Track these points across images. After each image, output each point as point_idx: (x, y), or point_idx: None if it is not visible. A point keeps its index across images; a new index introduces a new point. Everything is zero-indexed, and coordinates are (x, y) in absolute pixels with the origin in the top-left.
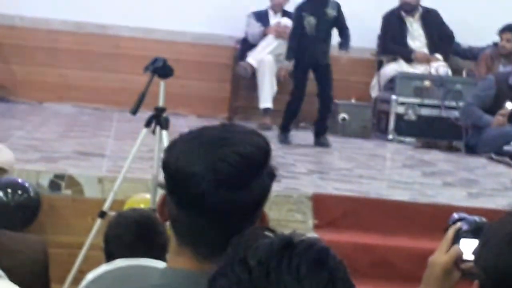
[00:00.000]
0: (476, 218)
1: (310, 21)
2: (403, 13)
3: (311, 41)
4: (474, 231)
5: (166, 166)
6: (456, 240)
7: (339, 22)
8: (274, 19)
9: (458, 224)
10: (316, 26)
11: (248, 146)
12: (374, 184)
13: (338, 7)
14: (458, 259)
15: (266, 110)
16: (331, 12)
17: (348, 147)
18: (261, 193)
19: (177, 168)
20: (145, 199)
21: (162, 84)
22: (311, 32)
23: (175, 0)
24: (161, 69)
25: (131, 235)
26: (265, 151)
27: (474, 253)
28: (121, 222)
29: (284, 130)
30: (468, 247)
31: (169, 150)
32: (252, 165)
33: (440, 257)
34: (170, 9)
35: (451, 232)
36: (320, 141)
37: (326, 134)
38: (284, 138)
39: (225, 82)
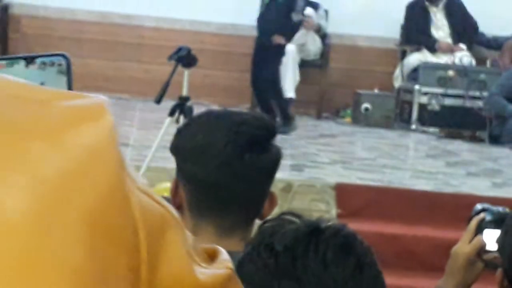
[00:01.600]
0: (500, 208)
1: None
2: (426, 3)
3: None
4: (498, 222)
5: (181, 146)
6: (479, 230)
7: None
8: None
9: (482, 214)
10: None
11: (259, 115)
12: (397, 174)
13: None
14: (481, 250)
15: (289, 100)
16: None
17: (371, 136)
18: (278, 157)
19: (196, 142)
20: (168, 188)
21: (186, 73)
22: None
23: None
24: (185, 59)
25: None
26: (271, 120)
27: (497, 241)
28: None
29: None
30: (491, 238)
31: (181, 131)
32: (270, 128)
33: (463, 247)
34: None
35: (474, 222)
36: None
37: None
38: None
39: (248, 72)
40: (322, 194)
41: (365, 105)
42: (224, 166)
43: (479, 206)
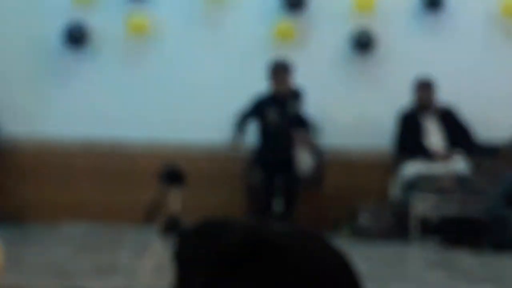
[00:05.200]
0: None
1: None
2: (419, 112)
3: None
4: None
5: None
6: None
7: None
8: None
9: None
10: None
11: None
12: (400, 286)
13: None
14: None
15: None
16: None
17: (369, 249)
18: None
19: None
20: None
21: (174, 192)
22: None
23: (186, 110)
24: (174, 179)
25: None
26: None
27: None
28: None
29: None
30: None
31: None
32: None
33: None
34: (181, 119)
35: None
36: None
37: None
38: None
39: (239, 193)
40: None
41: (361, 217)
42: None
43: None
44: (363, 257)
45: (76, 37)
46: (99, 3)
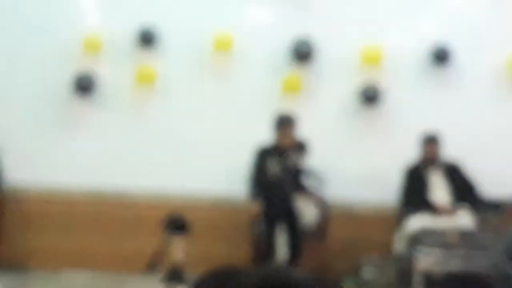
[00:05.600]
0: None
1: None
2: (425, 167)
3: None
4: None
5: None
6: None
7: None
8: None
9: None
10: None
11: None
12: None
13: None
14: None
15: None
16: None
17: None
18: None
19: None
20: None
21: (178, 241)
22: None
23: (191, 160)
24: (178, 228)
25: None
26: None
27: None
28: None
29: None
30: None
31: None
32: None
33: None
34: (187, 170)
35: None
36: None
37: None
38: None
39: (241, 246)
40: None
41: (366, 272)
42: None
43: None
44: None
45: (84, 86)
46: (107, 52)
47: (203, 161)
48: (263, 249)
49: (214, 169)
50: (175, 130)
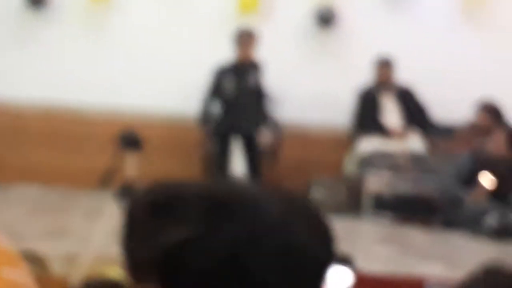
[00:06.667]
0: None
1: None
2: (377, 91)
3: None
4: None
5: None
6: None
7: None
8: None
9: None
10: None
11: None
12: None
13: None
14: None
15: None
16: None
17: None
18: None
19: None
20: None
21: (131, 158)
22: None
23: (146, 77)
24: (130, 144)
25: None
26: None
27: None
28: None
29: None
30: None
31: None
32: None
33: None
34: (141, 86)
35: None
36: None
37: None
38: None
39: (195, 160)
40: None
41: (316, 191)
42: None
43: None
44: None
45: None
46: None
47: (158, 78)
48: (216, 165)
49: (169, 86)
50: (130, 46)
